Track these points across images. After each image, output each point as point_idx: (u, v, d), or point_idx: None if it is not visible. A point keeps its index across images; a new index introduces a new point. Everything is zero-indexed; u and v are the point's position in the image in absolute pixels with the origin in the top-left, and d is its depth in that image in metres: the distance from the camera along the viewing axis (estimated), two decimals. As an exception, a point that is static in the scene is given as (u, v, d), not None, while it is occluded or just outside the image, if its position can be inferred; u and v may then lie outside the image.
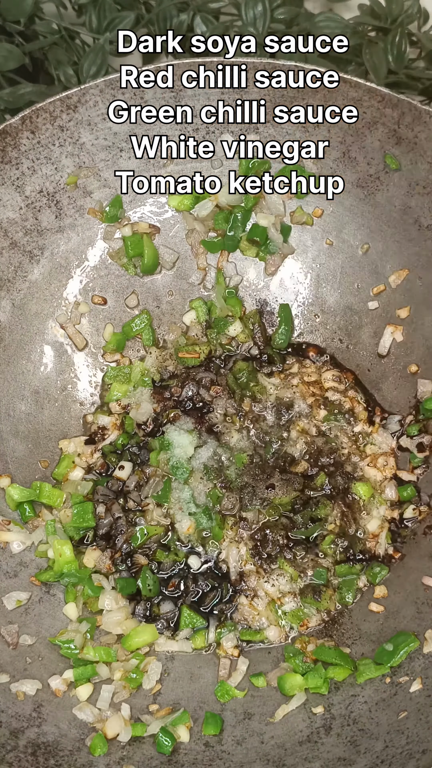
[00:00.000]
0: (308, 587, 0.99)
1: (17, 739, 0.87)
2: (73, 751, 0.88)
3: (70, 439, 1.08)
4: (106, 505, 1.03)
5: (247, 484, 1.04)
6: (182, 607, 0.99)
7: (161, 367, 1.12)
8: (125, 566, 1.01)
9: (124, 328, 1.11)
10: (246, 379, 1.09)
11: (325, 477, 1.03)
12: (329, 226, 1.10)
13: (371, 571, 1.00)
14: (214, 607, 1.00)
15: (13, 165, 1.02)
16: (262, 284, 1.14)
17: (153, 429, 1.08)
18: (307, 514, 1.02)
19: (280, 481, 1.03)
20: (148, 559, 1.01)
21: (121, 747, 0.89)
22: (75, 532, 1.02)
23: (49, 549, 1.00)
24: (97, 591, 0.99)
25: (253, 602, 0.99)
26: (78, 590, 1.00)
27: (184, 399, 1.09)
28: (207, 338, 1.12)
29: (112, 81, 1.01)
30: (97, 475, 1.06)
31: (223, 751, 0.89)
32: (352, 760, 0.85)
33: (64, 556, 0.99)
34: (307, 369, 1.11)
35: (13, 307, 1.06)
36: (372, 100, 1.00)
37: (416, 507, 1.02)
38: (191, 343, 1.11)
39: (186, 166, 1.09)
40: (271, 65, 1.01)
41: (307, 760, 0.87)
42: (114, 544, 1.02)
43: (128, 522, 1.03)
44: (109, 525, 1.03)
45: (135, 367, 1.11)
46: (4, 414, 1.05)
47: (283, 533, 1.01)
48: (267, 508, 1.02)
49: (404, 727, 0.86)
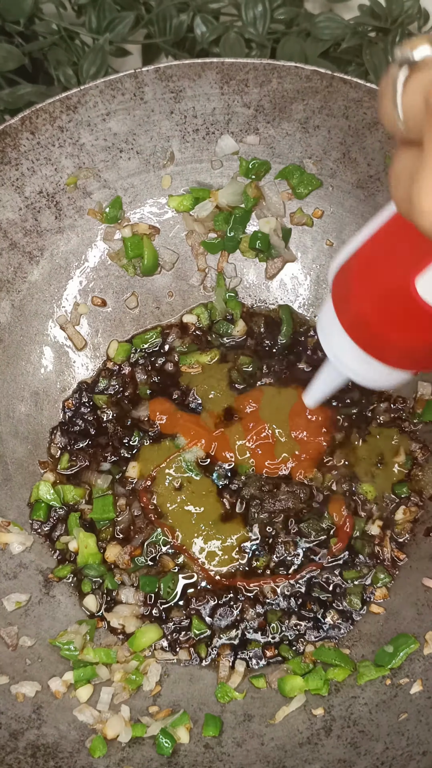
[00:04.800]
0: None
1: (17, 741, 0.87)
2: (72, 752, 0.88)
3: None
4: (126, 499, 1.04)
5: (253, 497, 1.03)
6: (193, 617, 0.99)
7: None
8: (146, 563, 1.01)
9: (135, 341, 1.12)
10: (252, 370, 1.09)
11: (332, 478, 1.03)
12: (329, 227, 1.10)
13: (376, 576, 1.00)
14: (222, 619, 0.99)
15: (12, 166, 1.01)
16: (262, 285, 1.13)
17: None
18: (313, 524, 1.01)
19: (286, 493, 1.03)
20: (174, 562, 1.01)
21: (120, 748, 0.89)
22: (97, 525, 1.04)
23: (70, 541, 1.02)
24: (115, 584, 1.00)
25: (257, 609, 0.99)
26: (94, 584, 1.01)
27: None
28: (210, 340, 1.12)
29: (112, 82, 1.01)
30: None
31: (223, 753, 0.89)
32: (352, 761, 0.85)
33: (89, 547, 1.00)
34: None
35: (13, 308, 1.06)
36: (372, 100, 1.00)
37: (406, 507, 1.02)
38: (193, 351, 1.11)
39: (186, 166, 1.09)
40: (270, 65, 1.01)
41: (307, 762, 0.87)
42: (132, 539, 1.02)
43: (147, 519, 1.03)
44: (128, 521, 1.03)
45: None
46: (3, 415, 1.05)
47: (292, 543, 1.01)
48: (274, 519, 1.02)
49: (405, 728, 0.86)
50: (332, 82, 1.00)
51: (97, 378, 1.11)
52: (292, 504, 1.02)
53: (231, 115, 1.05)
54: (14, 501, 1.03)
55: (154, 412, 1.08)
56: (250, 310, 1.14)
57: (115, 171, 1.07)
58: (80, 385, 1.10)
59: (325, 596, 0.99)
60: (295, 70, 1.00)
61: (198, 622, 0.98)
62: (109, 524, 1.03)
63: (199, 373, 1.10)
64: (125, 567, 1.01)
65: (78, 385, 1.10)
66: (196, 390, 1.09)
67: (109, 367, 1.11)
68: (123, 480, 1.05)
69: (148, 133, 1.06)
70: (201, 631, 0.98)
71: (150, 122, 1.05)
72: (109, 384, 1.10)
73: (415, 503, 1.02)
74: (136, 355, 1.12)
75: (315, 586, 0.99)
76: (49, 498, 1.03)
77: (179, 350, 1.12)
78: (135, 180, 1.08)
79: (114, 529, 1.03)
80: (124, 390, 1.10)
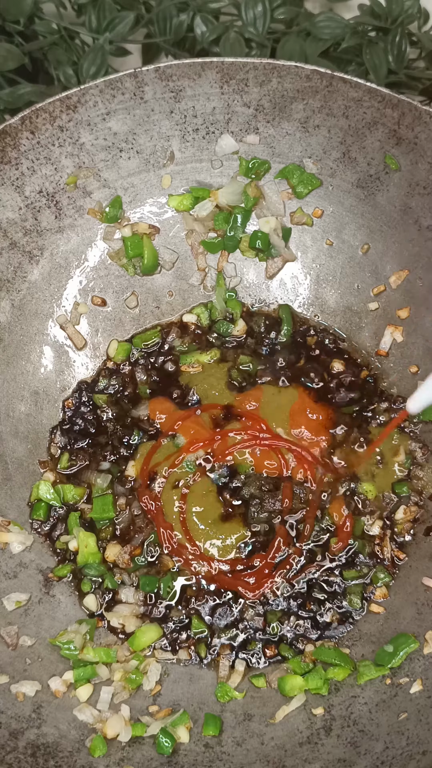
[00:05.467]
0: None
1: (17, 741, 0.87)
2: (72, 752, 0.88)
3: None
4: (126, 498, 1.04)
5: (253, 496, 1.03)
6: (193, 617, 0.99)
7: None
8: (146, 562, 1.01)
9: (135, 340, 1.12)
10: (252, 369, 1.09)
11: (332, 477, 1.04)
12: (329, 227, 1.10)
13: (376, 576, 1.00)
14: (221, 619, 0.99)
15: (12, 165, 1.01)
16: (262, 285, 1.13)
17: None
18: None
19: (286, 493, 1.03)
20: (173, 562, 1.01)
21: (120, 748, 0.89)
22: (96, 524, 1.04)
23: (70, 540, 1.02)
24: (115, 584, 1.00)
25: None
26: (94, 583, 1.01)
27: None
28: (209, 340, 1.12)
29: (112, 81, 1.01)
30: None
31: (223, 752, 0.89)
32: (352, 761, 0.85)
33: (89, 547, 1.01)
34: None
35: (13, 307, 1.06)
36: (372, 100, 1.00)
37: (406, 507, 1.02)
38: (193, 350, 1.11)
39: (186, 166, 1.09)
40: (270, 65, 1.01)
41: (307, 762, 0.87)
42: (132, 539, 1.02)
43: (147, 519, 1.03)
44: (128, 521, 1.03)
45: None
46: (3, 415, 1.05)
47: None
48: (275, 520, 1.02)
49: (404, 728, 0.86)
50: (332, 82, 1.00)
51: (97, 377, 1.11)
52: (292, 503, 1.02)
53: (231, 114, 1.05)
54: (14, 501, 1.03)
55: (154, 412, 1.08)
56: (250, 310, 1.14)
57: (115, 170, 1.07)
58: (80, 384, 1.10)
59: (324, 596, 0.99)
60: (295, 70, 1.00)
61: (197, 621, 0.98)
62: (108, 524, 1.03)
63: (199, 372, 1.10)
64: (125, 566, 1.01)
65: (78, 384, 1.10)
66: (196, 389, 1.09)
67: (109, 366, 1.11)
68: (123, 479, 1.05)
69: (148, 132, 1.06)
70: (200, 630, 0.98)
71: (150, 122, 1.05)
72: (108, 383, 1.10)
73: (415, 503, 1.02)
74: (136, 355, 1.12)
75: (315, 586, 0.99)
76: (49, 497, 1.03)
77: (179, 349, 1.12)
78: (135, 179, 1.08)
79: (114, 528, 1.03)
80: (124, 389, 1.10)
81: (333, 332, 1.12)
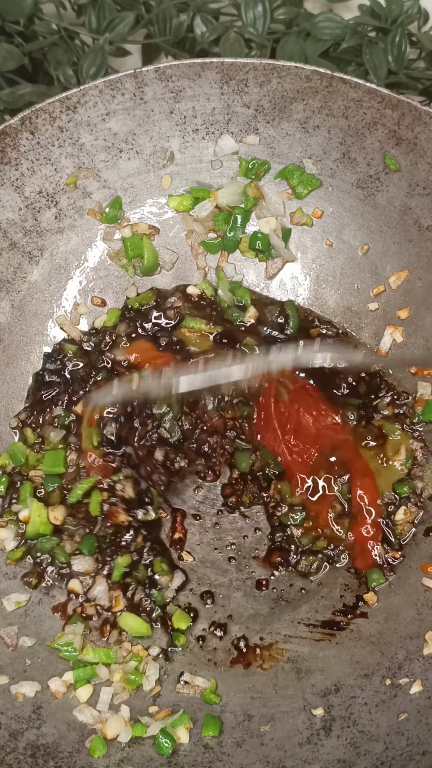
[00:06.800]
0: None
1: (17, 741, 0.87)
2: (72, 752, 0.88)
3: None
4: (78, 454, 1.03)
5: None
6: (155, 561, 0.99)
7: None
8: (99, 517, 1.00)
9: (129, 300, 1.11)
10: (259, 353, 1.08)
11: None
12: (329, 227, 1.10)
13: (371, 577, 0.99)
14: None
15: (12, 166, 1.01)
16: (262, 285, 1.13)
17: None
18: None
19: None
20: (126, 516, 1.00)
21: (120, 748, 0.89)
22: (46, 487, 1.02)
23: (21, 510, 1.00)
24: (66, 557, 0.99)
25: None
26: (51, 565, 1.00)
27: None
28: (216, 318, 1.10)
29: (112, 82, 1.01)
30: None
31: (222, 753, 0.89)
32: (352, 761, 0.85)
33: (41, 516, 0.99)
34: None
35: (13, 308, 1.06)
36: (372, 100, 1.00)
37: (406, 507, 1.02)
38: (200, 318, 1.09)
39: (186, 166, 1.09)
40: (270, 65, 1.01)
41: (307, 762, 0.87)
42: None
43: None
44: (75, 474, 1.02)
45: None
46: (3, 415, 1.05)
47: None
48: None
49: (404, 728, 0.86)
50: (332, 82, 1.00)
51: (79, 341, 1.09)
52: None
53: (231, 115, 1.05)
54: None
55: (131, 351, 1.06)
56: (260, 296, 1.12)
57: (115, 171, 1.07)
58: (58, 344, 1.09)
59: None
60: (295, 70, 1.00)
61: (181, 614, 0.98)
62: (56, 488, 1.02)
63: (198, 336, 1.08)
64: (74, 527, 1.00)
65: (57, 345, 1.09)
66: (186, 341, 1.07)
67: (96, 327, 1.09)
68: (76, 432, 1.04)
69: (148, 133, 1.06)
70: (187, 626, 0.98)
71: (150, 122, 1.05)
72: (89, 339, 1.09)
73: (415, 503, 1.02)
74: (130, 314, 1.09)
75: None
76: (6, 463, 1.03)
77: (181, 312, 1.09)
78: (135, 180, 1.08)
79: (61, 493, 1.02)
80: (102, 341, 1.08)
81: (336, 326, 1.11)
